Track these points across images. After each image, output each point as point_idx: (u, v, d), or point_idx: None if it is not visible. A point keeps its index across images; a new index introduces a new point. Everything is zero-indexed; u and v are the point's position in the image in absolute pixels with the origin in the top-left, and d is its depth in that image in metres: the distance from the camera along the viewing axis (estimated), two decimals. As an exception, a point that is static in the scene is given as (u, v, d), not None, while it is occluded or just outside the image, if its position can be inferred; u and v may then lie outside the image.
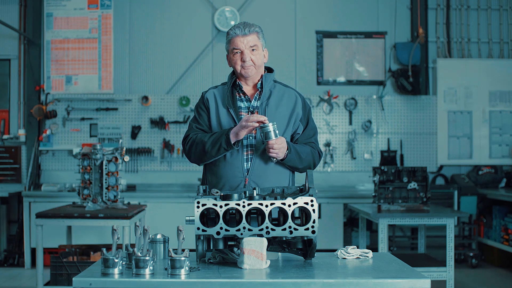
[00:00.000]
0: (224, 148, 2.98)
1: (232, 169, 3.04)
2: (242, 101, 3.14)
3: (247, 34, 3.05)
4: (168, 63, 7.84)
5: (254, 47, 3.07)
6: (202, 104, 3.18)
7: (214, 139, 3.00)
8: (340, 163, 7.81)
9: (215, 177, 3.09)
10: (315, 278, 2.34)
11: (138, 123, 7.72)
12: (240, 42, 3.05)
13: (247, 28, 3.06)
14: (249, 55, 3.06)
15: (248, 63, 3.07)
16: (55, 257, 5.20)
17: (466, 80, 7.85)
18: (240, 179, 3.03)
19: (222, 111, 3.10)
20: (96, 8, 7.68)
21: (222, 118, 3.09)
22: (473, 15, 8.02)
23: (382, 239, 5.22)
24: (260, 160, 3.04)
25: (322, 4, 7.93)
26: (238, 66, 3.09)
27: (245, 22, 3.12)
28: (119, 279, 2.32)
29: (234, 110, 3.08)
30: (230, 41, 3.09)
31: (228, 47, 3.12)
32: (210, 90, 3.20)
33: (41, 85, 7.65)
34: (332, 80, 7.88)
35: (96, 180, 5.22)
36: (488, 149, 7.87)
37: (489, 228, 7.29)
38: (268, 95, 3.12)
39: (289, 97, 3.15)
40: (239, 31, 3.06)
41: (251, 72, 3.10)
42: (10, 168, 7.64)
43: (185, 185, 7.58)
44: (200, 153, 3.06)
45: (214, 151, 3.00)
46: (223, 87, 3.19)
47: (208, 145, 3.00)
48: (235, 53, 3.08)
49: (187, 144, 3.11)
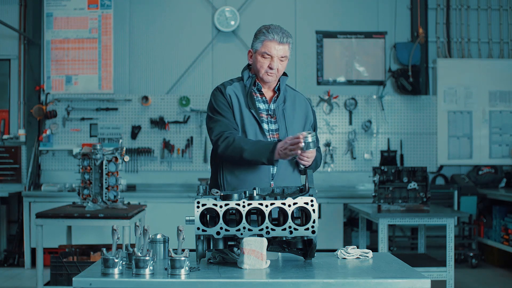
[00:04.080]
0: (263, 163, 2.94)
1: (259, 173, 3.02)
2: (260, 102, 3.12)
3: (284, 43, 3.02)
4: (168, 63, 7.84)
5: (284, 57, 3.05)
6: (224, 100, 3.09)
7: (255, 152, 2.92)
8: (340, 163, 7.81)
9: (237, 179, 3.04)
10: (315, 278, 2.34)
11: (138, 123, 7.72)
12: (274, 48, 3.02)
13: (285, 38, 3.02)
14: (277, 64, 3.04)
15: (274, 71, 3.05)
16: (55, 257, 5.20)
17: (466, 80, 7.85)
18: (266, 183, 3.01)
19: (246, 112, 3.06)
20: (96, 8, 7.68)
21: (246, 119, 3.05)
22: (473, 15, 8.02)
23: (382, 239, 5.22)
24: (284, 164, 3.04)
25: (322, 4, 7.93)
26: (262, 69, 3.06)
27: (282, 28, 3.06)
28: (119, 279, 2.32)
29: (256, 111, 3.06)
30: (264, 43, 3.03)
31: (257, 47, 3.06)
32: (228, 87, 3.11)
33: (41, 85, 7.65)
34: (332, 80, 7.88)
35: (96, 180, 5.21)
36: (488, 149, 7.87)
37: (489, 228, 7.29)
38: (283, 99, 3.13)
39: (300, 102, 3.17)
40: (277, 37, 3.01)
41: (272, 79, 3.08)
42: (10, 168, 7.64)
43: (185, 185, 7.58)
44: (235, 157, 2.97)
45: (251, 161, 2.95)
46: (240, 85, 3.14)
47: (247, 154, 2.92)
48: (264, 57, 3.04)
49: (222, 142, 2.99)
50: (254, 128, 3.04)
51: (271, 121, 3.10)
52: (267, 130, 3.07)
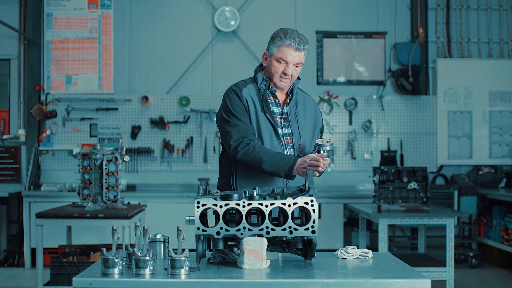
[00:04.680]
0: (280, 176, 2.93)
1: (274, 181, 3.02)
2: (274, 106, 3.11)
3: (301, 50, 3.01)
4: (168, 63, 7.84)
5: (299, 64, 3.04)
6: (240, 103, 3.05)
7: (274, 165, 2.89)
8: (340, 163, 7.81)
9: (251, 183, 3.00)
10: (315, 278, 2.34)
11: (138, 123, 7.72)
12: (291, 55, 3.00)
13: (302, 45, 3.01)
14: (292, 70, 3.02)
15: (288, 77, 3.04)
16: (55, 257, 5.20)
17: (466, 80, 7.85)
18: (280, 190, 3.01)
19: (261, 117, 3.04)
20: (96, 8, 7.68)
21: (261, 123, 3.03)
22: (473, 15, 8.02)
23: (382, 239, 5.22)
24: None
25: (322, 4, 7.93)
26: (277, 75, 3.04)
27: (300, 34, 3.04)
28: (119, 279, 2.32)
29: (270, 116, 3.04)
30: (280, 49, 3.01)
31: (273, 52, 3.03)
32: (244, 90, 3.07)
33: (41, 85, 7.65)
34: (332, 80, 7.88)
35: (96, 180, 5.21)
36: (488, 149, 7.87)
37: (489, 228, 7.29)
38: (295, 102, 3.13)
39: (309, 105, 3.18)
40: (294, 43, 2.99)
41: (285, 84, 3.08)
42: (10, 168, 7.64)
43: (185, 185, 7.58)
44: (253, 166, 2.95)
45: (269, 172, 2.93)
46: (254, 87, 3.10)
47: (266, 166, 2.90)
48: (280, 62, 3.02)
49: (242, 149, 2.95)
50: (270, 133, 3.03)
51: (284, 125, 3.10)
52: (281, 134, 3.06)
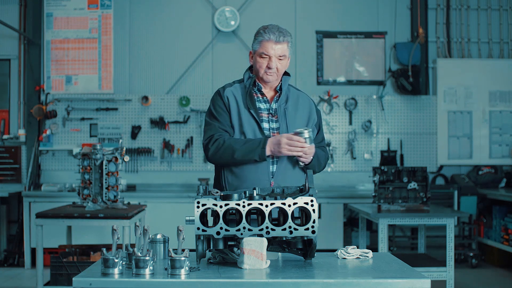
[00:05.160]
0: (255, 160, 2.97)
1: (258, 172, 3.02)
2: (261, 102, 3.12)
3: (280, 42, 3.01)
4: (168, 63, 7.84)
5: (283, 57, 3.04)
6: (221, 103, 3.10)
7: (247, 150, 2.95)
8: (340, 163, 7.81)
9: (237, 179, 3.04)
10: (315, 278, 2.34)
11: (138, 123, 7.72)
12: (271, 48, 3.02)
13: (281, 36, 3.01)
14: (276, 63, 3.04)
15: (273, 70, 3.04)
16: (55, 257, 5.20)
17: (466, 80, 7.85)
18: (266, 182, 3.01)
19: (244, 112, 3.06)
20: (96, 8, 7.68)
21: (244, 119, 3.06)
22: (473, 15, 8.02)
23: (382, 239, 5.22)
24: (284, 162, 3.03)
25: (322, 4, 7.93)
26: (262, 70, 3.06)
27: (279, 27, 3.05)
28: (119, 279, 2.32)
29: (255, 111, 3.06)
30: (261, 44, 3.04)
31: (256, 48, 3.07)
32: (227, 89, 3.13)
33: (41, 85, 7.65)
34: (332, 80, 7.88)
35: (96, 180, 5.21)
36: (488, 149, 7.87)
37: (489, 228, 7.29)
38: (286, 99, 3.13)
39: (303, 102, 3.17)
40: (273, 36, 3.00)
41: (272, 78, 3.08)
42: (10, 168, 7.64)
43: (185, 185, 7.58)
44: (226, 159, 3.00)
45: (244, 160, 2.98)
46: (240, 86, 3.15)
47: (238, 154, 2.96)
48: (263, 57, 3.04)
49: (212, 145, 3.02)
50: (253, 128, 3.05)
51: (272, 119, 3.10)
52: (268, 128, 3.07)
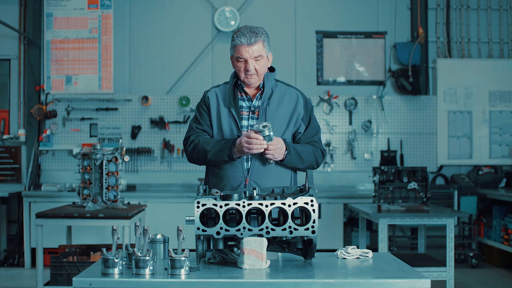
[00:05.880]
0: (225, 160, 3.02)
1: (233, 170, 3.05)
2: (244, 101, 3.13)
3: (253, 44, 3.00)
4: (168, 63, 7.84)
5: (259, 57, 3.04)
6: (203, 103, 3.17)
7: (217, 151, 3.01)
8: (340, 163, 7.81)
9: (216, 177, 3.11)
10: (315, 278, 2.34)
11: (138, 123, 7.71)
12: (245, 51, 3.01)
13: (253, 38, 3.00)
14: (253, 65, 3.03)
15: (251, 72, 3.04)
16: (55, 257, 5.20)
17: (466, 80, 7.85)
18: (240, 179, 3.03)
19: (224, 111, 3.10)
20: (96, 8, 7.68)
21: (223, 118, 3.09)
22: (473, 15, 8.02)
23: (382, 239, 5.22)
24: (260, 160, 3.04)
25: (322, 4, 7.92)
26: (241, 73, 3.07)
27: (251, 28, 3.04)
28: (119, 279, 2.32)
29: (235, 110, 3.07)
30: (235, 49, 3.04)
31: (232, 53, 3.09)
32: (212, 89, 3.18)
33: (41, 85, 7.65)
34: (332, 80, 7.88)
35: (96, 180, 5.21)
36: (488, 149, 7.87)
37: (489, 228, 7.29)
38: (270, 95, 3.12)
39: (290, 96, 3.14)
40: (244, 39, 3.00)
41: (253, 80, 3.08)
42: (10, 168, 7.64)
43: (185, 185, 7.58)
44: (201, 159, 3.10)
45: (215, 161, 3.05)
46: (225, 86, 3.17)
47: (210, 155, 3.03)
48: (239, 61, 3.05)
49: (188, 146, 3.13)
50: (230, 125, 3.07)
51: (252, 117, 3.11)
52: (247, 126, 3.08)
